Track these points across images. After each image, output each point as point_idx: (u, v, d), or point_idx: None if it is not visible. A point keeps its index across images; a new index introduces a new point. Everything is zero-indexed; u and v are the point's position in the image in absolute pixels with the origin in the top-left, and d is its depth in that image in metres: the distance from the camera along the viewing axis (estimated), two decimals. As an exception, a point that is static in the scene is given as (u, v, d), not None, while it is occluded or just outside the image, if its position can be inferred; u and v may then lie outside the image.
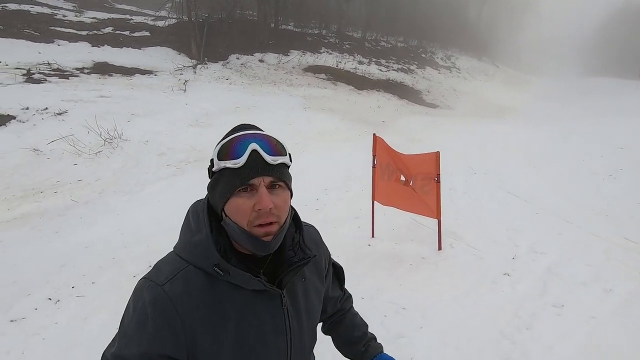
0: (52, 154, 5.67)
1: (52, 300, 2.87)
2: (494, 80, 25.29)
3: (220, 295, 0.72)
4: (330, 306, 1.06)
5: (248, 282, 0.71)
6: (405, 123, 11.69)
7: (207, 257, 0.71)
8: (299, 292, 0.84)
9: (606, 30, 40.65)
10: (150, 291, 0.69)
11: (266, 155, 0.70)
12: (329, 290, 1.02)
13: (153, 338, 0.67)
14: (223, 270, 0.70)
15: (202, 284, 0.71)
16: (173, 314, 0.68)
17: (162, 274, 0.72)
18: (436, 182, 3.68)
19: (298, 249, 0.81)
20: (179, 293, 0.69)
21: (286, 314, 0.79)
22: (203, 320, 0.70)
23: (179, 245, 0.77)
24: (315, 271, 0.91)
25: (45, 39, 10.57)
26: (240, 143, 0.70)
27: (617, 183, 5.95)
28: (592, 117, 11.39)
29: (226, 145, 0.71)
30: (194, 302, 0.70)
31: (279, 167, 0.72)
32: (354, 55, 18.96)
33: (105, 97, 8.07)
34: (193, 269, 0.72)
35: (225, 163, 0.70)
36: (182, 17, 14.01)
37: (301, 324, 0.83)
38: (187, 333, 0.69)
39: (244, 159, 0.68)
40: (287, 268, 0.79)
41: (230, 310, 0.73)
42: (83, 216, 4.41)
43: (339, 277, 1.08)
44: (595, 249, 3.82)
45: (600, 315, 2.65)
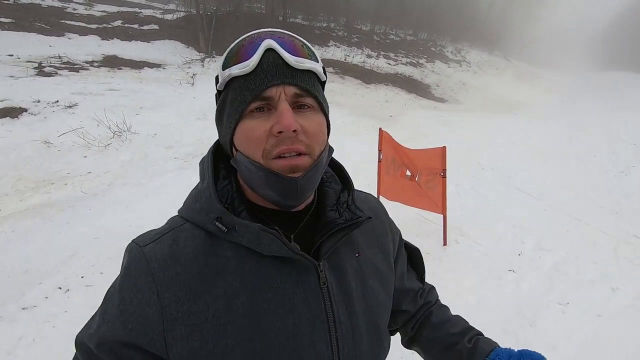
0: (63, 146, 5.76)
1: (62, 289, 2.94)
2: (505, 74, 24.86)
3: (221, 264, 0.51)
4: (407, 303, 0.77)
5: (260, 239, 0.50)
6: (413, 117, 11.59)
7: (208, 210, 0.53)
8: (349, 270, 0.59)
9: (621, 23, 39.59)
10: (129, 254, 0.54)
11: (287, 54, 0.50)
12: (404, 280, 0.76)
13: (116, 318, 0.49)
14: (227, 225, 0.51)
15: (197, 246, 0.52)
16: (147, 283, 0.49)
17: (150, 234, 0.56)
18: (442, 178, 3.67)
19: (345, 210, 0.60)
20: (161, 256, 0.51)
21: (327, 296, 0.54)
22: (193, 297, 0.49)
23: (183, 205, 0.60)
24: (377, 247, 0.66)
25: (56, 32, 10.67)
26: (251, 43, 0.51)
27: (629, 180, 5.85)
28: (604, 112, 11.15)
29: (234, 48, 0.52)
30: (181, 270, 0.50)
31: (306, 74, 0.52)
32: (363, 48, 18.79)
33: (114, 90, 8.15)
34: (189, 227, 0.54)
35: (230, 70, 0.51)
36: (190, 11, 14.03)
37: (354, 316, 0.57)
38: (165, 313, 0.48)
39: (254, 59, 0.49)
40: (327, 231, 0.56)
41: (236, 287, 0.51)
42: (92, 207, 4.49)
43: (415, 264, 0.81)
44: (603, 246, 3.77)
45: (606, 314, 2.63)
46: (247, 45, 0.51)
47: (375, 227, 0.68)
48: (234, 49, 0.52)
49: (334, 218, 0.58)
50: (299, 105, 0.51)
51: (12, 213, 4.24)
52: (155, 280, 0.50)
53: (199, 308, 0.49)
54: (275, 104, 0.50)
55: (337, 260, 0.58)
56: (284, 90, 0.50)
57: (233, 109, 0.51)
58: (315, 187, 0.55)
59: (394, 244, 0.72)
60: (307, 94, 0.52)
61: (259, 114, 0.50)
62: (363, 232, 0.64)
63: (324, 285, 0.55)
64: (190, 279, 0.50)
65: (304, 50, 0.52)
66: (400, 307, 0.76)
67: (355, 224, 0.58)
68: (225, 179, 0.57)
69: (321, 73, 0.55)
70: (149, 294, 0.49)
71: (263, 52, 0.50)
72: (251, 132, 0.50)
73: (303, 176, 0.51)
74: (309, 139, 0.51)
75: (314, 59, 0.53)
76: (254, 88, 0.49)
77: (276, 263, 0.53)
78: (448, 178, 4.00)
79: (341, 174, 0.66)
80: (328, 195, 0.61)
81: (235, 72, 0.50)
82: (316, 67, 0.53)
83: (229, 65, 0.51)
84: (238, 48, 0.52)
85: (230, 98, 0.52)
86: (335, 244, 0.56)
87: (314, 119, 0.52)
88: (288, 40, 0.52)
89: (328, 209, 0.59)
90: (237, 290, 0.51)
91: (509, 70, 26.03)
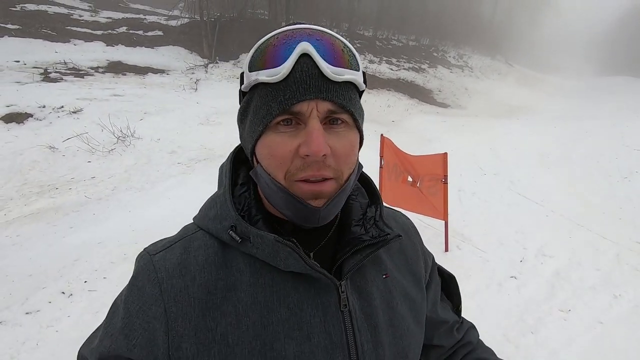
0: (67, 151, 5.82)
1: (65, 294, 2.97)
2: (507, 79, 24.88)
3: (233, 277, 0.47)
4: (441, 336, 0.69)
5: (276, 252, 0.46)
6: (416, 123, 11.61)
7: (222, 217, 0.49)
8: (375, 293, 0.53)
9: (623, 27, 39.61)
10: (137, 263, 0.51)
11: (324, 63, 0.43)
12: (437, 310, 0.68)
13: (119, 332, 0.46)
14: (241, 235, 0.47)
15: (209, 257, 0.48)
16: (154, 295, 0.46)
17: (161, 242, 0.52)
18: (443, 184, 3.68)
19: (371, 225, 0.54)
20: (170, 266, 0.47)
21: (349, 321, 0.49)
22: (202, 313, 0.46)
23: (198, 211, 0.55)
24: (407, 270, 0.60)
25: (61, 38, 10.81)
26: (284, 43, 0.44)
27: (632, 186, 5.82)
28: (607, 118, 11.13)
29: (263, 46, 0.45)
30: (190, 282, 0.47)
31: (344, 87, 0.46)
32: (365, 54, 18.89)
33: (119, 96, 8.23)
34: (201, 236, 0.50)
35: (257, 75, 0.45)
36: (194, 17, 14.18)
37: (381, 347, 0.50)
38: (171, 329, 0.45)
39: (286, 66, 0.43)
40: (351, 247, 0.51)
41: (247, 303, 0.46)
42: (96, 212, 4.52)
43: (450, 293, 0.73)
44: (606, 253, 3.76)
45: (608, 321, 2.62)
46: (279, 45, 0.44)
47: (405, 247, 0.61)
48: (263, 47, 0.45)
49: (359, 234, 0.53)
50: (331, 121, 0.46)
51: (17, 217, 4.28)
52: (163, 292, 0.46)
53: (207, 325, 0.45)
54: (305, 120, 0.44)
55: (361, 282, 0.52)
56: (317, 106, 0.44)
57: (258, 118, 0.46)
58: (339, 210, 0.50)
59: (426, 267, 0.65)
60: (342, 110, 0.46)
61: (285, 128, 0.45)
62: (391, 251, 0.59)
63: (345, 307, 0.49)
64: (199, 292, 0.46)
65: (345, 57, 0.46)
66: (432, 341, 0.67)
67: (383, 241, 0.52)
68: (244, 186, 0.53)
69: (361, 83, 0.49)
70: (155, 306, 0.45)
71: (297, 59, 0.43)
72: (275, 149, 0.45)
73: (327, 205, 0.46)
74: (337, 163, 0.46)
75: (354, 66, 0.47)
76: (282, 100, 0.43)
77: (293, 280, 0.48)
78: (450, 183, 4.01)
79: (369, 187, 0.61)
80: (354, 210, 0.55)
81: (263, 79, 0.44)
82: (356, 78, 0.47)
83: (257, 68, 0.45)
84: (267, 47, 0.45)
85: (255, 105, 0.46)
86: (360, 263, 0.50)
87: (347, 137, 0.47)
88: (328, 43, 0.45)
89: (353, 223, 0.54)
90: (249, 307, 0.46)
91: (511, 75, 26.05)
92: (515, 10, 35.60)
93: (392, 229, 0.55)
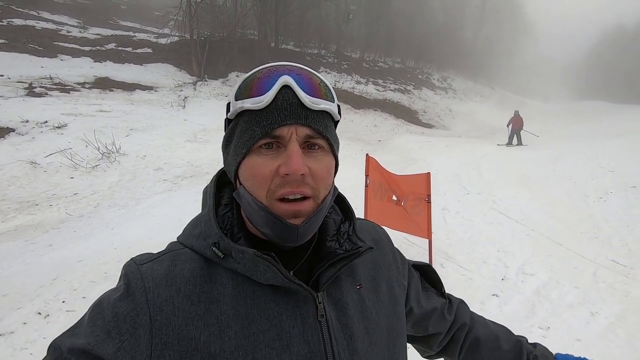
0: (50, 167, 5.72)
1: (41, 314, 2.87)
2: (489, 101, 25.81)
3: (217, 290, 0.50)
4: (434, 324, 0.73)
5: (256, 266, 0.49)
6: (401, 142, 11.87)
7: (206, 235, 0.52)
8: (350, 304, 0.56)
9: (598, 54, 41.92)
10: (124, 271, 0.52)
11: (303, 93, 0.49)
12: (422, 302, 0.72)
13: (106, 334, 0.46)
14: (224, 251, 0.50)
15: (195, 270, 0.51)
16: (141, 303, 0.48)
17: (149, 254, 0.55)
18: (427, 203, 3.76)
19: (345, 240, 0.58)
20: (157, 276, 0.50)
21: (326, 331, 0.52)
22: (185, 322, 0.48)
23: (182, 231, 0.58)
24: (380, 278, 0.63)
25: (48, 53, 10.77)
26: (267, 76, 0.50)
27: (607, 205, 6.05)
28: (583, 140, 11.62)
29: (249, 79, 0.51)
30: (176, 292, 0.49)
31: (320, 115, 0.51)
32: (352, 75, 19.36)
33: (105, 112, 8.19)
34: (188, 252, 0.53)
35: (243, 103, 0.50)
36: (184, 35, 14.36)
37: (355, 352, 0.53)
38: (155, 337, 0.46)
39: (269, 95, 0.48)
40: (327, 261, 0.54)
41: (230, 315, 0.49)
42: (77, 230, 4.42)
43: (431, 280, 0.77)
44: (583, 271, 3.87)
45: (585, 338, 2.68)
46: (262, 78, 0.50)
47: (377, 258, 0.64)
48: (249, 79, 0.51)
49: (333, 248, 0.56)
50: (309, 145, 0.51)
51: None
52: (149, 300, 0.48)
53: (191, 334, 0.47)
54: (286, 143, 0.49)
55: (337, 293, 0.56)
56: (296, 131, 0.49)
57: (241, 142, 0.51)
58: (316, 228, 0.54)
59: (401, 273, 0.67)
60: (319, 136, 0.51)
61: (266, 151, 0.49)
62: (365, 263, 0.62)
63: (322, 317, 0.52)
64: (184, 303, 0.48)
65: (321, 89, 0.51)
66: (429, 331, 0.73)
67: (355, 254, 0.56)
68: (227, 207, 0.56)
69: (335, 113, 0.54)
70: (142, 314, 0.47)
71: (279, 89, 0.48)
72: (257, 170, 0.49)
73: (305, 223, 0.50)
74: (315, 182, 0.50)
75: (330, 98, 0.52)
76: (265, 125, 0.48)
77: (274, 293, 0.51)
78: (434, 202, 4.11)
79: (342, 204, 0.64)
80: (329, 226, 0.59)
81: (248, 106, 0.49)
82: (331, 108, 0.52)
83: (242, 97, 0.50)
84: (252, 79, 0.50)
85: (240, 130, 0.51)
86: (335, 275, 0.54)
87: (323, 160, 0.52)
88: (306, 78, 0.51)
89: (328, 239, 0.58)
90: (231, 318, 0.49)
91: (493, 98, 27.04)
92: (496, 36, 37.37)
93: (364, 241, 0.59)
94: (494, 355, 0.73)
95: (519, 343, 0.75)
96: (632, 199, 6.11)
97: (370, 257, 0.62)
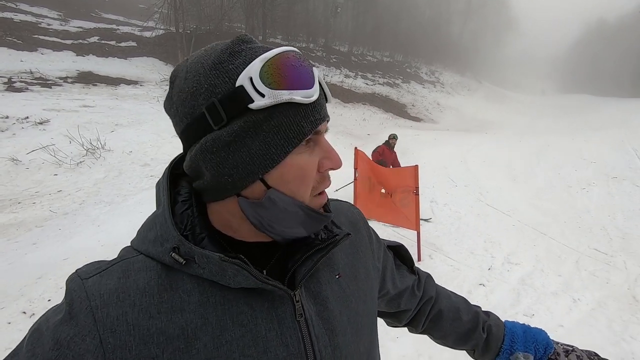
0: (32, 164, 5.57)
1: (26, 314, 2.81)
2: (476, 95, 26.09)
3: (180, 298, 0.44)
4: (406, 301, 0.74)
5: (224, 271, 0.44)
6: (390, 136, 11.91)
7: (163, 239, 0.46)
8: (331, 296, 0.53)
9: (581, 49, 42.73)
10: (67, 287, 0.45)
11: (327, 89, 0.49)
12: (397, 282, 0.72)
13: None
14: (185, 256, 0.44)
15: (152, 280, 0.44)
16: (88, 325, 0.41)
17: (96, 264, 0.47)
18: (415, 195, 3.80)
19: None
20: (105, 292, 0.43)
21: (305, 330, 0.49)
22: (143, 340, 0.42)
23: (136, 234, 0.51)
24: (359, 263, 0.60)
25: (28, 47, 10.44)
26: (301, 66, 0.44)
27: (590, 196, 6.22)
28: (567, 133, 11.87)
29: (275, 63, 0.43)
30: (130, 308, 0.42)
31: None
32: (341, 68, 19.32)
33: (89, 107, 8.00)
34: (142, 260, 0.46)
35: (291, 94, 0.42)
36: (169, 29, 14.08)
37: (337, 347, 0.51)
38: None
39: (317, 90, 0.45)
40: (302, 255, 0.50)
41: (197, 325, 0.44)
42: (62, 227, 4.33)
43: (403, 258, 0.77)
44: (566, 259, 3.98)
45: (568, 324, 2.77)
46: (298, 67, 0.43)
47: (354, 242, 0.61)
48: (274, 63, 0.42)
49: (309, 240, 0.52)
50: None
51: (-26, 234, 4.04)
52: (97, 321, 0.41)
53: (151, 353, 0.41)
54: (318, 138, 0.47)
55: (316, 287, 0.52)
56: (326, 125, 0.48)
57: (283, 138, 0.43)
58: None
59: (374, 255, 0.65)
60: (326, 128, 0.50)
61: (304, 148, 0.45)
62: (343, 249, 0.58)
63: (301, 317, 0.48)
64: (140, 318, 0.42)
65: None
66: (400, 307, 0.74)
67: (332, 243, 0.51)
68: (185, 203, 0.49)
69: None
70: (89, 338, 0.40)
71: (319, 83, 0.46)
72: (306, 169, 0.45)
73: (329, 209, 0.51)
74: None
75: None
76: (313, 120, 0.44)
77: (246, 296, 0.46)
78: (423, 195, 4.15)
79: None
80: None
81: (298, 99, 0.42)
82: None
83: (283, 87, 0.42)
84: (284, 65, 0.43)
85: (278, 124, 0.43)
86: (312, 268, 0.49)
87: None
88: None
89: None
90: (199, 329, 0.43)
91: (480, 91, 27.34)
92: (482, 31, 37.70)
93: (341, 227, 0.55)
94: (455, 324, 0.76)
95: (476, 314, 0.77)
96: (613, 189, 6.29)
97: (348, 241, 0.60)
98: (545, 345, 0.71)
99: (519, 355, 0.70)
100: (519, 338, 0.72)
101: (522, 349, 0.71)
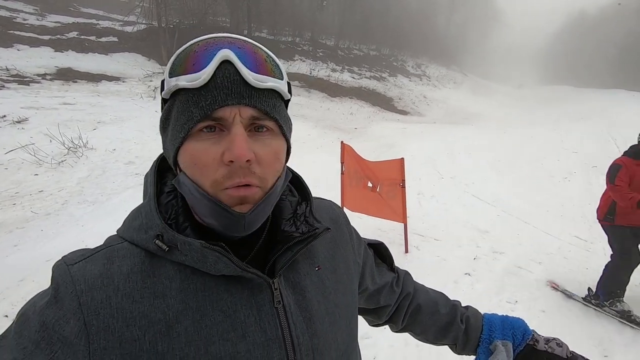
0: (10, 164, 5.41)
1: (8, 317, 2.75)
2: (462, 87, 26.35)
3: (162, 284, 0.46)
4: (385, 297, 0.76)
5: (205, 257, 0.45)
6: (377, 129, 11.97)
7: (148, 227, 0.47)
8: (309, 286, 0.55)
9: (563, 40, 43.51)
10: (53, 273, 0.46)
11: (246, 70, 0.44)
12: (376, 279, 0.75)
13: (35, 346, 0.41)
14: (168, 243, 0.46)
15: (135, 266, 0.46)
16: (73, 308, 0.43)
17: (81, 251, 0.49)
18: (401, 188, 3.84)
19: (302, 222, 0.55)
20: (90, 277, 0.44)
21: (283, 317, 0.50)
22: (126, 323, 0.43)
23: (122, 223, 0.53)
24: (339, 258, 0.62)
25: (3, 43, 10.09)
26: (205, 50, 0.44)
27: (571, 185, 6.38)
28: (549, 123, 12.12)
29: (184, 53, 0.46)
30: (113, 292, 0.44)
31: (267, 94, 0.46)
32: (327, 62, 19.25)
33: (69, 104, 7.79)
34: (127, 246, 0.48)
35: (177, 80, 0.44)
36: (151, 23, 13.77)
37: (316, 338, 0.52)
38: (93, 343, 0.42)
39: (207, 72, 0.43)
40: (282, 246, 0.52)
41: (178, 310, 0.45)
42: (44, 228, 4.24)
43: (382, 256, 0.79)
44: (549, 247, 4.09)
45: (549, 309, 2.86)
46: (199, 51, 0.44)
47: (335, 238, 0.63)
48: (184, 53, 0.45)
49: (290, 232, 0.53)
50: (256, 128, 0.46)
51: (-49, 237, 3.92)
52: (82, 304, 0.43)
53: (133, 335, 0.43)
54: (229, 125, 0.44)
55: (295, 277, 0.54)
56: (240, 112, 0.44)
57: (178, 125, 0.45)
58: (265, 217, 0.50)
59: (354, 251, 0.67)
60: (266, 117, 0.46)
61: (207, 135, 0.44)
62: (323, 243, 0.60)
63: (279, 304, 0.50)
64: (123, 302, 0.44)
65: (268, 65, 0.47)
66: (380, 303, 0.76)
67: (312, 236, 0.53)
68: (171, 194, 0.51)
69: (285, 92, 0.49)
70: (74, 320, 0.42)
71: (218, 65, 0.43)
72: (198, 157, 0.44)
73: (252, 211, 0.46)
74: (262, 170, 0.46)
75: (278, 75, 0.48)
76: (204, 106, 0.43)
77: (226, 283, 0.48)
78: (410, 187, 4.19)
79: (298, 184, 0.61)
80: (284, 209, 0.56)
81: (183, 84, 0.44)
82: (279, 86, 0.47)
83: (177, 73, 0.44)
84: (188, 53, 0.45)
85: (176, 112, 0.45)
86: (291, 259, 0.51)
87: (272, 144, 0.47)
88: (250, 52, 0.46)
89: (284, 222, 0.55)
90: (180, 313, 0.45)
91: (466, 84, 27.61)
92: (468, 24, 38.00)
93: (321, 222, 0.56)
94: (433, 318, 0.78)
95: (454, 307, 0.79)
96: (593, 177, 6.47)
97: (328, 236, 0.61)
98: (523, 332, 0.73)
99: (497, 343, 0.71)
100: (497, 327, 0.74)
101: (501, 337, 0.72)
